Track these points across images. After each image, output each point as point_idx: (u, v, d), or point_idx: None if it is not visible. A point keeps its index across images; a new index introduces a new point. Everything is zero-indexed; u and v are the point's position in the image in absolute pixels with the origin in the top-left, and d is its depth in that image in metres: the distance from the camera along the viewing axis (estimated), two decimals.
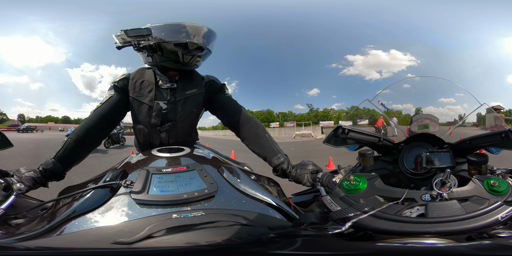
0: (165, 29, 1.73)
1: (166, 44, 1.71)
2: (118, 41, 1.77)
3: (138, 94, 1.78)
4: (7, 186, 1.35)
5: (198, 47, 1.75)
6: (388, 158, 2.00)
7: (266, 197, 1.25)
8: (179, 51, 1.72)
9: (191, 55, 1.75)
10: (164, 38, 1.71)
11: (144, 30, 1.71)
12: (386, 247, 1.02)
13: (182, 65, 1.78)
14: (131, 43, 1.75)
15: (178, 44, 1.71)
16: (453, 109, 23.88)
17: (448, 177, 1.41)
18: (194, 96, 1.83)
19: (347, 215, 1.10)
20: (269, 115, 68.00)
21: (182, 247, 0.95)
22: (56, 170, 1.58)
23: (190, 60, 1.78)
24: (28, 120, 60.49)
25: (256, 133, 1.83)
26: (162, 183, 1.17)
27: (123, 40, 1.76)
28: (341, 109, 66.30)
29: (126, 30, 1.72)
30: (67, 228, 1.03)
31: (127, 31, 1.72)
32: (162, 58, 1.76)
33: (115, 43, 1.78)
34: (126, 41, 1.76)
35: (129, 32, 1.72)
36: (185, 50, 1.72)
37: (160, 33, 1.72)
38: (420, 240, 1.01)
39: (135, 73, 1.84)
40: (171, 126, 1.82)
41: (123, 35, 1.74)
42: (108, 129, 1.80)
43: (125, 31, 1.72)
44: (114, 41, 1.78)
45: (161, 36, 1.72)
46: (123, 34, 1.73)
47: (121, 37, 1.75)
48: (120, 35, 1.75)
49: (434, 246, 0.99)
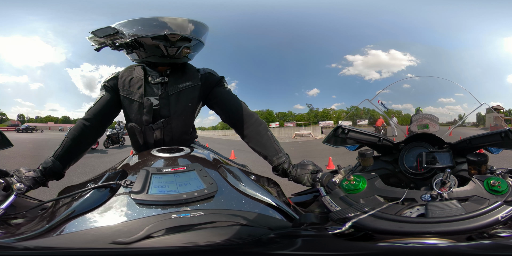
0: (133, 25, 1.68)
1: (144, 39, 1.66)
2: (93, 43, 1.74)
3: (128, 92, 1.76)
4: (7, 186, 1.35)
5: (183, 38, 1.68)
6: (388, 158, 2.00)
7: (266, 197, 1.25)
8: (161, 44, 1.66)
9: (176, 47, 1.68)
10: (140, 33, 1.65)
11: (109, 29, 1.67)
12: (387, 247, 1.02)
13: (170, 58, 1.71)
14: (106, 43, 1.72)
15: (156, 37, 1.65)
16: (453, 109, 23.95)
17: (448, 177, 1.41)
18: (189, 90, 1.78)
19: (347, 215, 1.10)
20: (269, 115, 67.97)
21: (181, 247, 0.95)
22: (55, 168, 1.60)
23: (177, 52, 1.70)
24: (28, 120, 60.46)
25: (257, 131, 1.77)
26: (162, 183, 1.17)
27: (98, 42, 1.73)
28: (340, 109, 66.35)
29: (94, 32, 1.68)
30: (67, 228, 1.03)
31: (94, 32, 1.68)
32: (146, 54, 1.72)
33: (92, 46, 1.75)
34: (100, 42, 1.72)
35: (97, 33, 1.68)
36: (167, 42, 1.66)
37: (131, 29, 1.67)
38: (421, 240, 1.01)
39: (123, 71, 1.82)
40: (165, 123, 1.77)
41: (94, 37, 1.70)
42: (102, 127, 1.81)
43: (93, 33, 1.69)
44: (91, 44, 1.75)
45: (136, 32, 1.66)
46: (94, 36, 1.70)
47: (93, 39, 1.72)
48: (92, 37, 1.72)
49: (435, 246, 0.99)
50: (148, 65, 1.81)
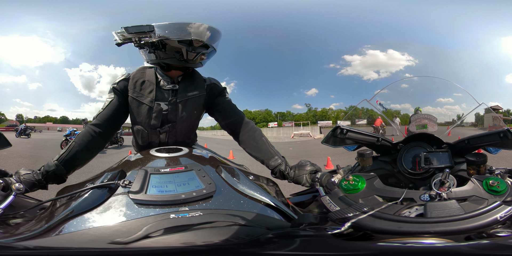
0: (170, 27, 1.73)
1: (170, 41, 1.70)
2: (118, 38, 1.75)
3: (138, 94, 1.77)
4: (6, 186, 1.34)
5: (203, 45, 1.76)
6: (387, 158, 2.00)
7: (265, 197, 1.25)
8: (183, 48, 1.72)
9: (195, 53, 1.75)
10: (168, 36, 1.70)
11: (146, 27, 1.70)
12: (386, 247, 1.02)
13: (186, 62, 1.78)
14: (132, 39, 1.73)
15: (183, 41, 1.71)
16: (451, 109, 24.00)
17: (447, 177, 1.41)
18: (195, 98, 1.83)
19: (346, 215, 1.10)
20: (267, 115, 68.12)
21: (180, 247, 0.95)
22: (58, 172, 1.58)
23: (195, 58, 1.78)
24: (26, 120, 60.42)
25: (253, 136, 1.83)
26: (160, 183, 1.16)
27: (123, 37, 1.74)
28: (339, 109, 66.60)
29: (127, 27, 1.71)
30: (65, 228, 1.02)
31: (127, 28, 1.70)
32: (166, 55, 1.75)
33: (115, 40, 1.75)
34: (126, 38, 1.73)
35: (130, 29, 1.70)
36: (190, 47, 1.72)
37: (164, 31, 1.71)
38: (419, 240, 1.01)
39: (135, 73, 1.83)
40: (171, 127, 1.82)
41: (124, 32, 1.72)
42: (111, 133, 1.82)
43: (126, 28, 1.71)
44: (114, 38, 1.75)
45: (165, 33, 1.71)
46: (123, 31, 1.72)
47: (121, 34, 1.74)
48: (120, 32, 1.73)
49: (433, 246, 0.99)
50: (161, 67, 1.83)
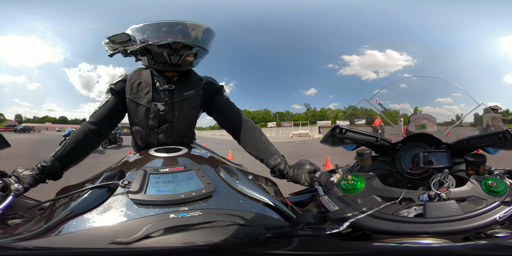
0: (146, 30, 1.68)
1: (151, 46, 1.66)
2: (107, 49, 1.75)
3: (135, 96, 1.77)
4: (5, 186, 1.34)
5: (184, 46, 1.68)
6: (386, 158, 2.00)
7: (263, 197, 1.25)
8: (165, 53, 1.66)
9: (178, 55, 1.68)
10: (147, 40, 1.66)
11: (123, 35, 1.68)
12: (383, 247, 1.02)
13: (173, 66, 1.72)
14: (119, 50, 1.73)
15: (161, 45, 1.65)
16: (450, 109, 23.85)
17: (446, 177, 1.41)
18: (192, 98, 1.82)
19: (345, 215, 1.10)
20: (266, 115, 68.12)
21: (179, 247, 0.95)
22: (54, 168, 1.58)
23: (179, 61, 1.70)
24: (25, 120, 60.30)
25: (253, 135, 1.83)
26: (160, 183, 1.17)
27: (112, 48, 1.73)
28: (338, 108, 66.65)
29: (110, 37, 1.69)
30: (65, 228, 1.02)
31: (111, 39, 1.69)
32: (153, 61, 1.72)
33: (106, 51, 1.75)
34: (114, 48, 1.73)
35: (113, 39, 1.69)
36: (171, 50, 1.65)
37: (142, 34, 1.68)
38: (417, 240, 1.01)
39: (132, 74, 1.82)
40: (169, 127, 1.82)
41: (110, 42, 1.71)
42: (107, 132, 1.82)
43: (109, 39, 1.69)
44: (105, 49, 1.75)
45: (144, 38, 1.67)
46: (109, 41, 1.70)
47: (108, 45, 1.73)
48: (108, 43, 1.72)
49: (430, 246, 0.99)
50: (156, 70, 1.82)
